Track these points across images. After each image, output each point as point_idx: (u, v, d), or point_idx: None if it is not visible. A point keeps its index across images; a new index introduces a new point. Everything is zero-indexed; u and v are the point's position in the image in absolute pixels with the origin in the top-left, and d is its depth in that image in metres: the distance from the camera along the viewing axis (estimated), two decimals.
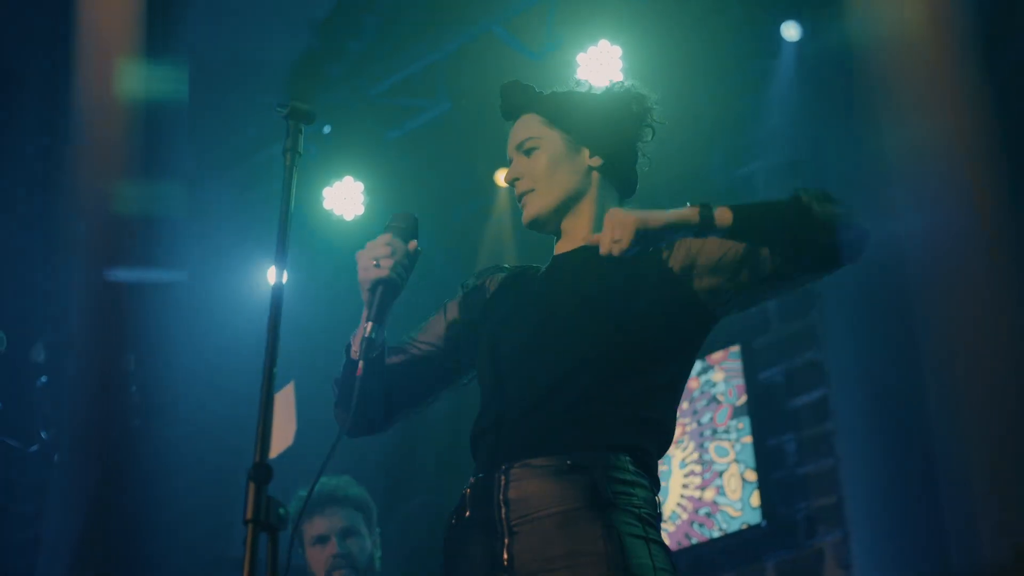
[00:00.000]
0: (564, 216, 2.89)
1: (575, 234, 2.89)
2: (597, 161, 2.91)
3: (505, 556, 2.55)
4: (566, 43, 6.34)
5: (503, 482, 2.59)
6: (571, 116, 2.91)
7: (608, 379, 2.61)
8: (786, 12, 6.34)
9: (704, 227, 2.57)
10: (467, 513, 2.65)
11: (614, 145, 2.93)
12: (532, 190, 2.86)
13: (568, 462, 2.55)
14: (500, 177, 6.89)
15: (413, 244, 2.76)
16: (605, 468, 2.55)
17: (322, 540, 4.71)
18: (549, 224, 2.89)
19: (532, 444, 2.60)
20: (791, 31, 6.35)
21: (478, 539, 2.60)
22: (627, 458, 2.59)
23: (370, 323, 2.68)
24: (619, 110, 2.95)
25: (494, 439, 2.65)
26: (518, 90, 2.98)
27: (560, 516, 2.53)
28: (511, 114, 2.99)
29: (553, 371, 2.64)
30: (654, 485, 2.65)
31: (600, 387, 2.62)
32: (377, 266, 2.71)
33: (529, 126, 2.92)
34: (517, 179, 2.88)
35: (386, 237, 2.74)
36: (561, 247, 2.91)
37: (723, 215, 2.57)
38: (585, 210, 2.89)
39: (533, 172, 2.86)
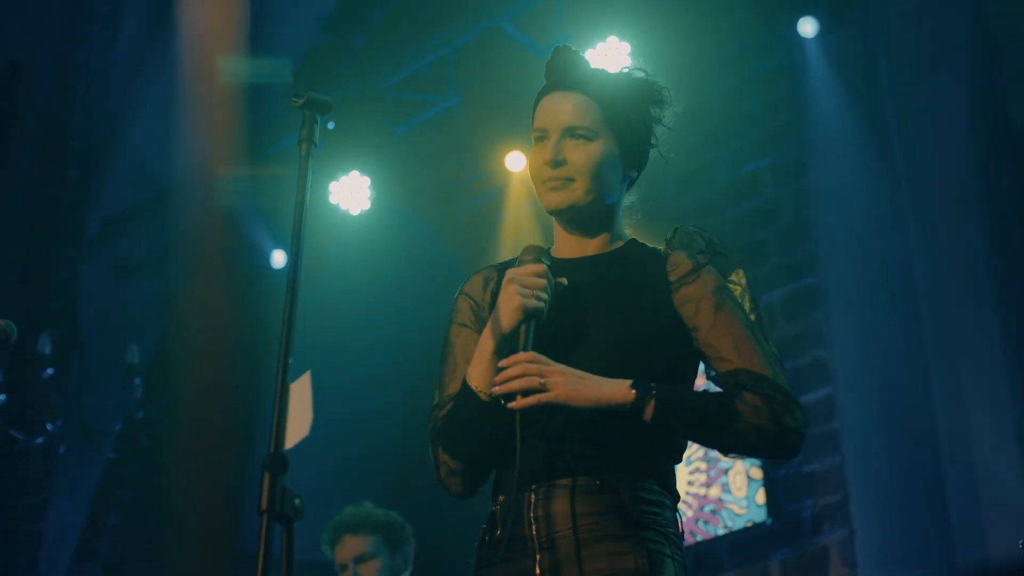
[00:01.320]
0: (593, 216, 2.80)
1: (590, 240, 2.83)
2: (634, 172, 2.85)
3: (537, 571, 2.56)
4: (574, 39, 6.32)
5: (533, 499, 2.60)
6: (628, 126, 2.79)
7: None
8: (797, 9, 6.33)
9: (633, 414, 2.57)
10: (498, 531, 2.64)
11: (647, 156, 2.87)
12: (573, 180, 2.73)
13: (597, 482, 2.58)
14: (509, 161, 6.83)
15: (563, 280, 2.70)
16: (632, 488, 2.58)
17: (342, 568, 4.96)
18: (576, 215, 2.78)
19: (562, 464, 2.61)
20: (808, 27, 6.33)
21: (510, 556, 2.61)
22: (652, 478, 2.62)
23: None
24: (652, 119, 2.86)
25: (523, 460, 2.61)
26: (577, 62, 2.80)
27: (591, 534, 2.55)
28: (561, 84, 2.79)
29: None
30: (675, 503, 2.67)
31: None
32: (537, 298, 2.62)
33: (586, 112, 2.75)
34: (561, 163, 2.73)
35: (541, 268, 2.66)
36: (570, 250, 2.84)
37: (649, 413, 2.55)
38: (612, 217, 2.84)
39: (580, 164, 2.73)
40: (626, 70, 2.87)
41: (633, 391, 2.55)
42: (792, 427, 2.56)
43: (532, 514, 2.59)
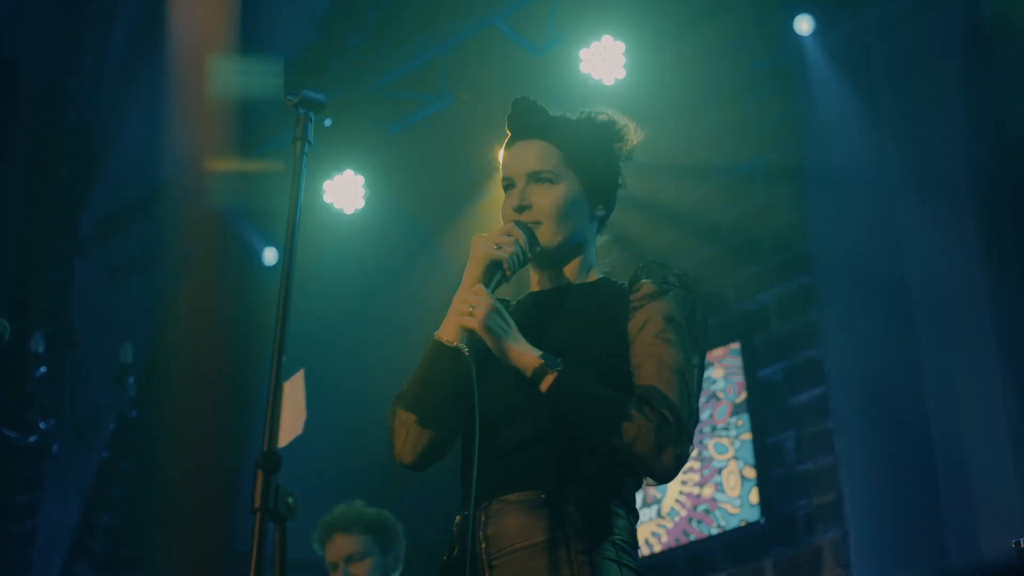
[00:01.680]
0: (563, 256, 2.89)
1: (561, 274, 2.92)
2: (601, 211, 2.94)
3: None
4: (569, 38, 6.33)
5: (483, 519, 2.67)
6: (591, 167, 2.88)
7: None
8: (793, 6, 6.32)
9: (532, 383, 2.66)
10: (455, 550, 2.72)
11: (614, 195, 2.97)
12: (540, 223, 2.83)
13: (543, 496, 2.62)
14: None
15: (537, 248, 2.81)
16: (578, 500, 2.62)
17: (333, 567, 4.94)
18: (546, 256, 2.87)
19: (509, 481, 2.67)
20: (804, 25, 6.31)
21: None
22: (602, 490, 2.66)
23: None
24: (618, 158, 2.95)
25: (477, 478, 2.69)
26: (536, 112, 2.91)
27: (535, 547, 2.60)
28: (523, 133, 2.91)
29: (530, 410, 2.69)
30: (630, 515, 2.71)
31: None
32: (499, 248, 2.73)
33: (548, 157, 2.86)
34: (526, 208, 2.83)
35: (509, 226, 2.79)
36: (541, 283, 2.94)
37: (546, 383, 2.62)
38: (581, 255, 2.92)
39: (545, 207, 2.82)
40: (586, 114, 2.95)
41: (540, 360, 2.63)
42: (672, 452, 2.59)
43: (482, 532, 2.66)
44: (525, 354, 2.64)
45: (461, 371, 2.70)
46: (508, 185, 2.89)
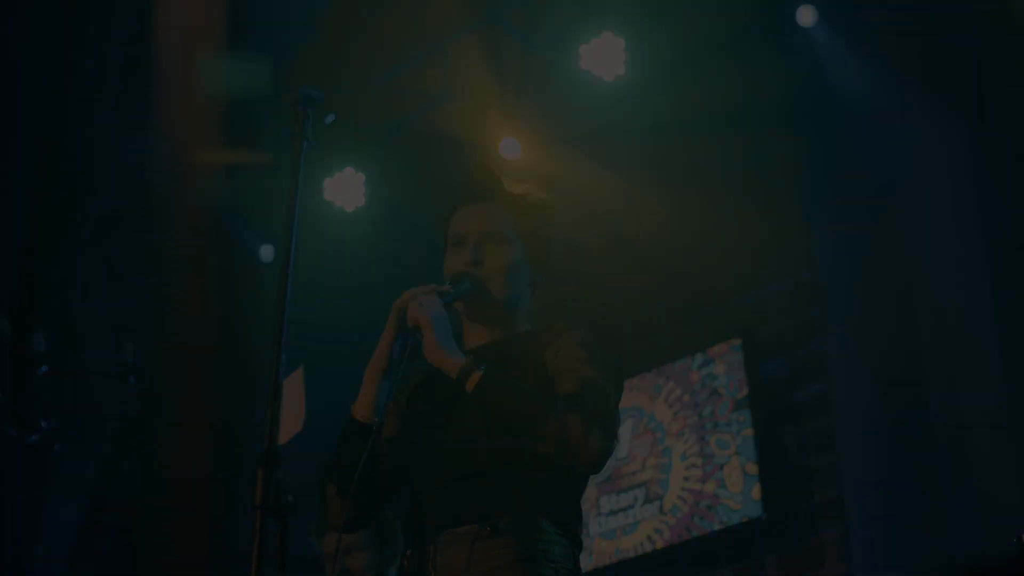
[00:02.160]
0: (501, 314, 3.01)
1: (495, 331, 3.03)
2: (539, 278, 3.09)
3: None
4: (568, 35, 6.33)
5: (432, 551, 2.78)
6: (536, 236, 3.06)
7: (523, 453, 2.77)
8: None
9: (457, 383, 2.78)
10: None
11: (551, 267, 3.12)
12: (490, 280, 2.97)
13: (488, 528, 2.73)
14: (502, 149, 6.81)
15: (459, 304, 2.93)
16: (523, 530, 2.74)
17: (330, 559, 4.90)
18: (487, 312, 3.00)
19: (456, 514, 2.78)
20: (806, 16, 6.28)
21: None
22: (544, 520, 2.77)
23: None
24: (552, 236, 3.13)
25: (426, 512, 2.85)
26: (491, 178, 3.08)
27: None
28: (479, 196, 3.07)
29: (474, 445, 2.82)
30: (573, 544, 2.82)
31: (516, 459, 2.78)
32: (421, 305, 2.85)
33: (502, 220, 3.03)
34: (480, 263, 2.96)
35: (422, 290, 2.89)
36: (477, 339, 3.04)
37: (472, 382, 2.75)
38: (516, 315, 3.05)
39: (497, 265, 2.97)
40: (530, 191, 3.12)
41: (465, 361, 2.77)
42: (599, 443, 2.70)
43: (431, 564, 2.77)
44: (452, 356, 2.78)
45: (377, 445, 2.84)
46: (457, 242, 3.01)
